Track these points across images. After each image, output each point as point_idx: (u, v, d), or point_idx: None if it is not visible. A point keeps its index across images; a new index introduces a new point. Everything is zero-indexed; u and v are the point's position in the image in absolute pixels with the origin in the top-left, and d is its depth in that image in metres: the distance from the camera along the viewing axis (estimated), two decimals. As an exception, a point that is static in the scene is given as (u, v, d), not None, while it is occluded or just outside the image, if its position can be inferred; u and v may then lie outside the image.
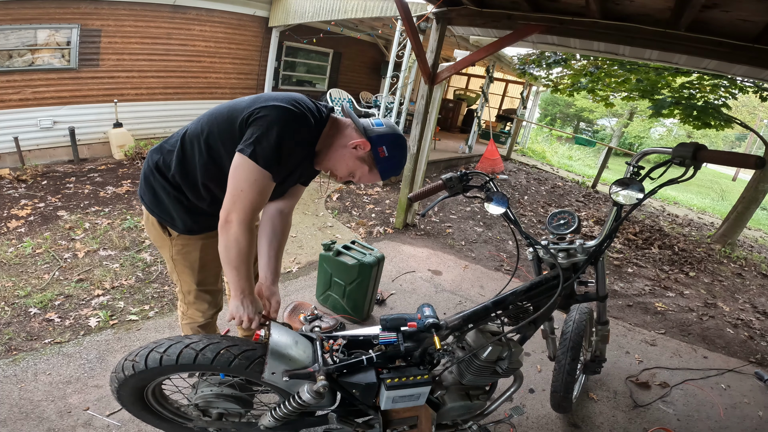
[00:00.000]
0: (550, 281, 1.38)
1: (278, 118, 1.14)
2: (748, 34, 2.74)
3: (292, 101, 1.18)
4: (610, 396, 2.33)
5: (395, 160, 1.27)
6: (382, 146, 1.24)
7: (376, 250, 2.67)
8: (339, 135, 1.28)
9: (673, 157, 1.22)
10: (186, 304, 1.62)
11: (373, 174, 1.30)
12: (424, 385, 1.24)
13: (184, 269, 1.51)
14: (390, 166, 1.28)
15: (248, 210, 1.15)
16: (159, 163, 1.34)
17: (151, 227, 1.47)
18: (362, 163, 1.27)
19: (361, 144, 1.23)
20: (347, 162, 1.28)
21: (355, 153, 1.25)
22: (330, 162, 1.30)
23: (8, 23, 4.46)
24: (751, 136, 19.15)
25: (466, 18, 3.65)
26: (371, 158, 1.26)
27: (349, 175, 1.31)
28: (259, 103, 1.17)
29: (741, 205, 5.82)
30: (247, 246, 1.18)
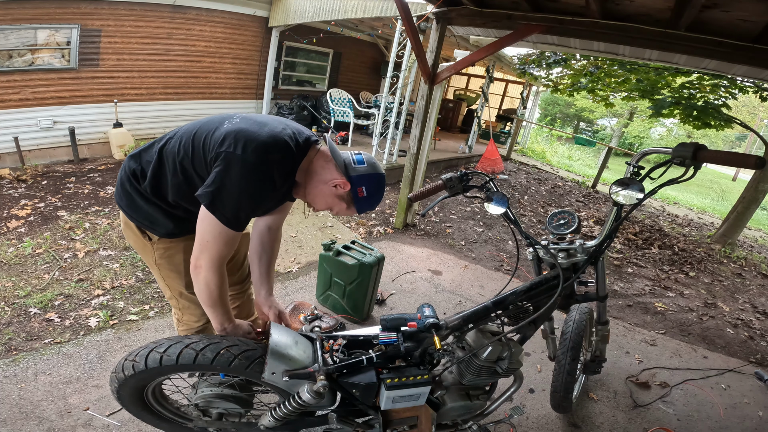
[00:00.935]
0: (550, 281, 1.38)
1: (240, 176, 1.10)
2: (748, 34, 2.74)
3: (263, 147, 1.12)
4: (610, 396, 2.33)
5: (373, 199, 1.28)
6: (362, 186, 1.24)
7: (376, 250, 2.67)
8: (320, 170, 1.25)
9: (673, 157, 1.22)
10: (180, 309, 1.58)
11: (350, 210, 1.30)
12: (424, 385, 1.24)
13: (170, 273, 1.47)
14: (368, 205, 1.28)
15: (215, 258, 1.17)
16: (136, 172, 1.31)
17: (130, 232, 1.43)
18: (341, 201, 1.27)
19: (341, 183, 1.23)
20: (326, 198, 1.27)
21: (334, 191, 1.25)
22: (309, 196, 1.30)
23: (8, 23, 4.46)
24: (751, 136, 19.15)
25: (466, 18, 3.65)
26: (350, 197, 1.26)
27: (327, 208, 1.31)
28: (227, 143, 1.12)
29: (741, 205, 5.82)
30: (218, 287, 1.21)
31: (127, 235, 1.45)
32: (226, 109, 7.14)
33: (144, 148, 1.33)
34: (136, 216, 1.35)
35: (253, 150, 1.11)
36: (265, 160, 1.13)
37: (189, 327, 1.62)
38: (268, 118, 1.24)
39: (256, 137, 1.13)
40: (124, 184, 1.35)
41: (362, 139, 7.47)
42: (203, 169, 1.19)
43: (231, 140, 1.12)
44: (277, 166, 1.16)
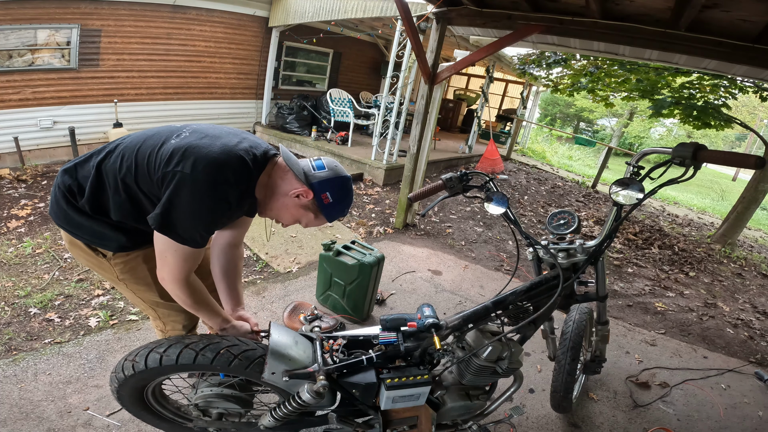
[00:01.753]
0: (550, 281, 1.38)
1: (191, 195, 1.03)
2: (748, 34, 2.74)
3: (214, 164, 1.04)
4: (610, 396, 2.33)
5: (341, 204, 1.21)
6: (326, 192, 1.17)
7: (376, 250, 2.67)
8: (279, 182, 1.19)
9: (673, 157, 1.22)
10: (161, 320, 1.49)
11: (319, 219, 1.24)
12: (424, 385, 1.24)
13: (138, 287, 1.36)
14: (337, 211, 1.22)
15: (177, 273, 1.13)
16: (72, 188, 1.19)
17: (79, 252, 1.28)
18: (307, 211, 1.21)
19: (302, 192, 1.16)
20: (290, 211, 1.21)
21: (297, 201, 1.18)
22: (273, 212, 1.24)
23: (8, 23, 4.46)
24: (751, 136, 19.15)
25: (466, 18, 3.65)
26: (315, 205, 1.19)
27: (295, 222, 1.26)
28: (175, 161, 1.04)
29: (741, 205, 5.82)
30: (189, 296, 1.18)
31: (76, 254, 1.31)
32: (227, 109, 7.15)
33: (79, 162, 1.22)
34: (80, 233, 1.23)
35: (204, 168, 1.03)
36: (217, 178, 1.05)
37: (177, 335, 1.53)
38: (222, 130, 1.16)
39: (206, 153, 1.05)
40: (59, 201, 1.21)
41: (362, 139, 7.47)
42: (149, 187, 1.11)
43: (179, 157, 1.04)
44: (232, 184, 1.08)
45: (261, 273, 3.18)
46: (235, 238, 1.42)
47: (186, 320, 1.51)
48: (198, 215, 1.06)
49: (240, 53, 6.99)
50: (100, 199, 1.18)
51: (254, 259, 3.38)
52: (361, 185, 5.74)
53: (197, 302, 1.21)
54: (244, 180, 1.12)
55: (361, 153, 6.34)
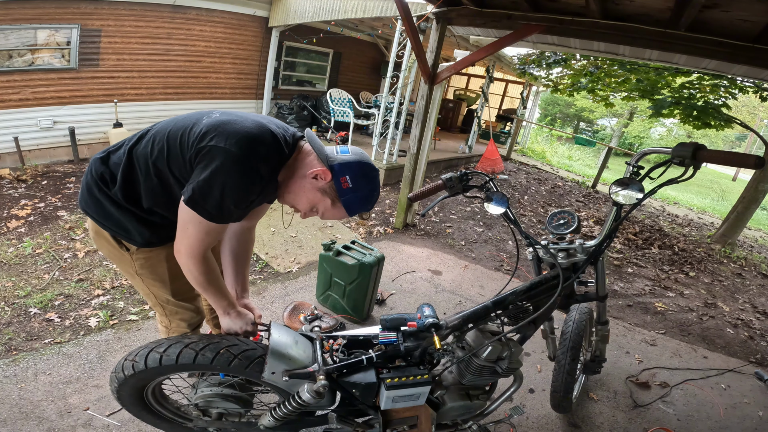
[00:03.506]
0: (550, 281, 1.38)
1: (224, 168, 1.02)
2: (748, 34, 2.74)
3: (248, 138, 1.04)
4: (610, 396, 2.33)
5: (362, 193, 1.14)
6: (345, 176, 1.11)
7: (376, 250, 2.67)
8: (301, 163, 1.16)
9: (672, 157, 1.23)
10: (167, 317, 1.49)
11: (337, 209, 1.17)
12: (424, 384, 1.24)
13: (154, 283, 1.38)
14: (356, 200, 1.14)
15: (195, 246, 1.10)
16: (104, 176, 1.20)
17: (103, 243, 1.29)
18: (324, 196, 1.15)
19: (321, 173, 1.11)
20: (307, 194, 1.16)
21: (315, 183, 1.13)
22: (290, 195, 1.19)
23: (8, 23, 4.46)
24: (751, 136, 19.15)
25: (466, 18, 3.65)
26: (333, 190, 1.13)
27: (312, 209, 1.20)
28: (210, 137, 1.04)
29: (741, 205, 5.82)
30: (202, 273, 1.15)
31: (99, 245, 1.32)
32: (227, 109, 7.14)
33: (112, 149, 1.23)
34: (109, 224, 1.23)
35: (238, 141, 1.03)
36: (252, 151, 1.04)
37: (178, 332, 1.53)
38: (250, 114, 1.15)
39: (240, 128, 1.05)
40: (91, 189, 1.22)
41: (362, 139, 7.47)
42: (182, 169, 1.11)
43: (213, 133, 1.04)
44: (265, 160, 1.08)
45: (261, 273, 3.18)
46: (250, 222, 1.41)
47: (192, 319, 1.51)
48: (229, 189, 1.04)
49: (240, 53, 6.99)
50: (132, 186, 1.18)
51: (254, 259, 3.38)
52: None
53: (209, 281, 1.17)
54: (275, 157, 1.11)
55: (361, 153, 6.33)
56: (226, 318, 1.26)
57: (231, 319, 1.26)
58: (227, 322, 1.27)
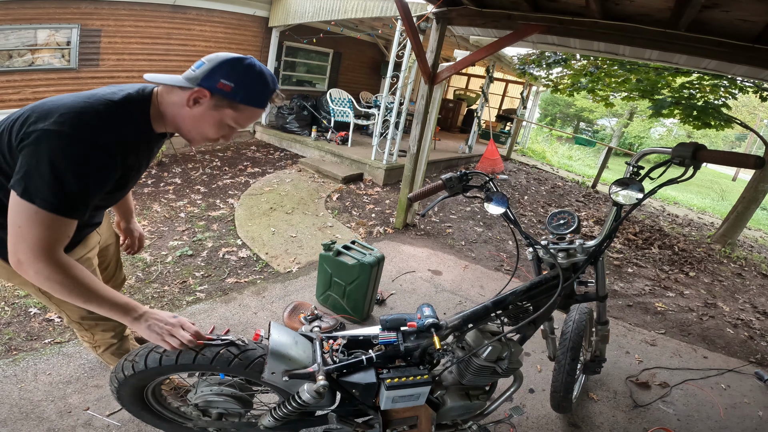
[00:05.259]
0: (550, 281, 1.38)
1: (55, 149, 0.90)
2: (748, 34, 2.74)
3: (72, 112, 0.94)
4: (610, 396, 2.33)
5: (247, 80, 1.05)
6: (219, 81, 1.03)
7: (376, 250, 2.67)
8: (170, 102, 1.08)
9: (672, 157, 1.22)
10: (87, 330, 1.40)
11: (245, 110, 1.09)
12: (423, 385, 1.24)
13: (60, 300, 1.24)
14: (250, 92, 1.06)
15: (38, 245, 0.93)
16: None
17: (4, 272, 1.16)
18: (219, 110, 1.06)
19: (196, 94, 1.04)
20: (204, 120, 1.08)
21: (201, 108, 1.06)
22: (193, 132, 1.12)
23: (8, 23, 4.46)
24: (751, 136, 19.16)
25: (466, 18, 3.65)
26: (222, 99, 1.05)
27: (220, 130, 1.11)
28: (33, 119, 0.94)
29: (741, 205, 5.82)
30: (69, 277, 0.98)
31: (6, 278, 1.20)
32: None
33: None
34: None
35: (61, 116, 0.92)
36: (81, 125, 0.93)
37: (108, 345, 1.48)
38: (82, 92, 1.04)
39: (62, 104, 0.95)
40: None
41: (362, 139, 7.47)
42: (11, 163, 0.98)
43: (35, 116, 0.94)
44: (101, 129, 0.96)
45: (261, 273, 3.18)
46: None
47: (116, 327, 1.44)
48: (65, 171, 0.91)
49: (240, 53, 6.99)
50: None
51: (254, 259, 3.38)
52: (361, 185, 5.74)
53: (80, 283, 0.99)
54: (120, 122, 1.01)
55: (361, 153, 6.34)
56: (138, 326, 1.07)
57: (145, 325, 1.08)
58: (144, 331, 1.08)
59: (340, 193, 5.34)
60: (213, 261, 3.25)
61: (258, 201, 4.64)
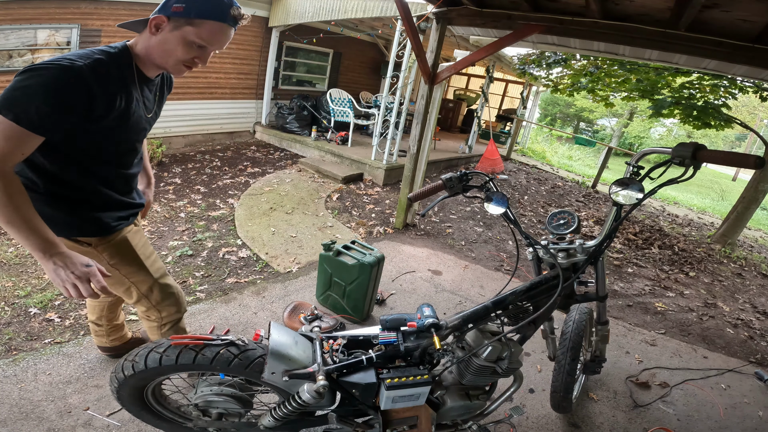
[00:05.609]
0: (550, 281, 1.38)
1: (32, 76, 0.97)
2: (748, 34, 2.74)
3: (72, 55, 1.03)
4: (610, 396, 2.33)
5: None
6: (173, 5, 1.10)
7: (376, 250, 2.67)
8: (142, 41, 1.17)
9: (672, 157, 1.22)
10: (156, 307, 1.49)
11: (202, 26, 1.12)
12: (423, 385, 1.24)
13: (130, 270, 1.37)
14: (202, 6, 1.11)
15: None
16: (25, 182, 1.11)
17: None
18: (178, 30, 1.12)
19: (155, 21, 1.12)
20: (168, 46, 1.14)
21: (163, 35, 1.13)
22: (164, 60, 1.17)
23: (8, 23, 4.46)
24: (751, 136, 19.16)
25: (466, 18, 3.65)
26: (179, 20, 1.11)
27: (188, 49, 1.15)
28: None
29: (741, 205, 5.82)
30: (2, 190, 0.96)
31: None
32: (227, 109, 7.15)
33: None
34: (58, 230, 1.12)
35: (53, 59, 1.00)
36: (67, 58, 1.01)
37: (172, 321, 1.57)
38: None
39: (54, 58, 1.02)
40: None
41: (362, 139, 7.47)
42: None
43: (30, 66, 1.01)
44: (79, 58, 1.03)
45: (261, 273, 3.18)
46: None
47: (180, 300, 1.55)
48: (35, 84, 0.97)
49: (240, 53, 6.99)
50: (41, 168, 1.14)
51: (254, 259, 3.38)
52: (361, 185, 5.74)
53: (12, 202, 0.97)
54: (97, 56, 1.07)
55: (361, 153, 6.34)
56: (47, 264, 1.02)
57: (53, 265, 1.02)
58: (50, 269, 1.02)
59: (340, 193, 5.34)
60: (213, 261, 3.25)
61: (258, 201, 4.64)
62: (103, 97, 1.08)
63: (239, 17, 1.18)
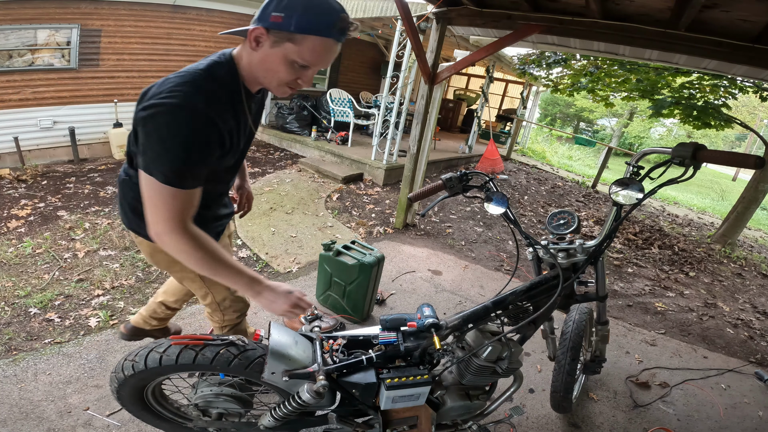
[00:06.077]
0: (550, 281, 1.38)
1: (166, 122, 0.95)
2: (748, 34, 2.74)
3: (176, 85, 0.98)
4: (610, 396, 2.33)
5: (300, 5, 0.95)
6: (271, 14, 0.96)
7: (376, 250, 2.67)
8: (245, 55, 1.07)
9: (672, 157, 1.23)
10: (222, 312, 1.56)
11: (303, 43, 0.98)
12: (423, 385, 1.24)
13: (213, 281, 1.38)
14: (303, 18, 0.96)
15: (170, 218, 0.99)
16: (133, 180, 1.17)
17: (158, 254, 1.32)
18: (278, 46, 0.99)
19: (254, 34, 0.99)
20: (268, 64, 1.03)
21: (263, 49, 1.01)
22: (267, 80, 1.08)
23: (8, 23, 4.46)
24: (751, 136, 19.15)
25: (466, 18, 3.65)
26: (278, 33, 0.98)
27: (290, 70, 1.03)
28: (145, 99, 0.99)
29: (741, 205, 5.82)
30: (198, 248, 1.02)
31: (154, 258, 1.35)
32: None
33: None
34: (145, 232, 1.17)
35: (168, 92, 0.96)
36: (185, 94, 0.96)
37: (231, 325, 1.64)
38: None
39: (167, 81, 0.99)
40: (127, 202, 1.25)
41: (362, 139, 7.47)
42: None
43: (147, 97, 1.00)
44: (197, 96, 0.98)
45: (261, 273, 3.18)
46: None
47: (243, 308, 1.60)
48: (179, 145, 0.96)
49: (240, 53, 6.99)
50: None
51: (254, 259, 3.38)
52: (361, 185, 5.74)
53: (209, 254, 1.03)
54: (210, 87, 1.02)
55: (361, 153, 6.34)
56: (260, 300, 1.11)
57: (267, 299, 1.12)
58: (266, 305, 1.12)
59: (340, 193, 5.34)
60: (213, 261, 3.25)
61: (258, 201, 4.64)
62: (225, 129, 1.07)
63: (347, 29, 1.02)
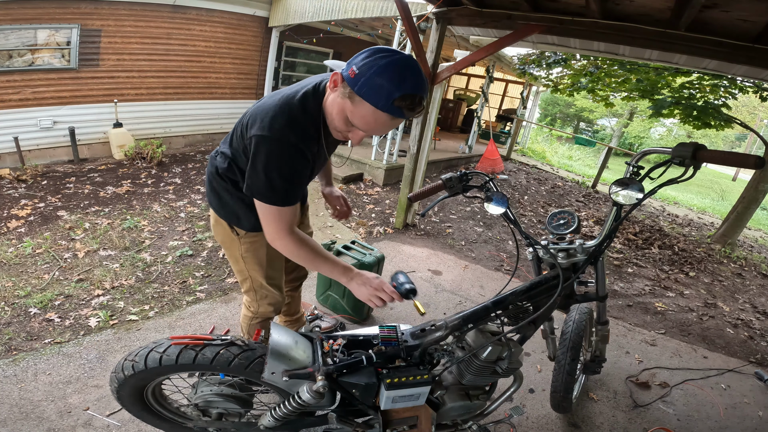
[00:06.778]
0: (550, 281, 1.38)
1: (262, 154, 1.12)
2: (748, 34, 2.74)
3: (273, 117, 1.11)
4: (610, 396, 2.33)
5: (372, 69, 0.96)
6: (352, 66, 1.00)
7: (376, 250, 2.67)
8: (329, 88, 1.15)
9: (672, 157, 1.22)
10: (257, 301, 1.65)
11: (357, 106, 1.02)
12: (423, 384, 1.24)
13: (253, 266, 1.55)
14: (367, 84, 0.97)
15: (278, 229, 1.21)
16: (218, 166, 1.36)
17: (219, 228, 1.51)
18: (343, 99, 1.05)
19: (333, 77, 1.06)
20: (333, 108, 1.12)
21: (335, 93, 1.10)
22: (330, 120, 1.17)
23: (8, 23, 4.46)
24: (751, 136, 19.16)
25: (466, 18, 3.65)
26: (346, 87, 1.03)
27: (345, 124, 1.11)
28: (251, 124, 1.15)
29: (741, 205, 5.82)
30: (301, 248, 1.24)
31: (216, 230, 1.54)
32: (227, 109, 7.15)
33: (222, 143, 1.38)
34: (224, 213, 1.43)
35: (269, 123, 1.11)
36: (280, 128, 1.11)
37: (264, 318, 1.72)
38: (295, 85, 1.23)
39: (268, 109, 1.14)
40: (211, 182, 1.42)
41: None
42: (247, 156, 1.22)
43: (251, 121, 1.16)
44: (291, 128, 1.12)
45: (261, 273, 3.18)
46: None
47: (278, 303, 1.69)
48: (276, 173, 1.13)
49: (240, 53, 6.99)
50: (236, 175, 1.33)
51: (254, 259, 3.37)
52: (361, 185, 5.74)
53: (311, 252, 1.24)
54: (302, 120, 1.14)
55: (361, 153, 6.34)
56: (352, 285, 1.28)
57: (357, 284, 1.27)
58: (355, 289, 1.28)
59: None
60: (213, 261, 3.25)
61: (258, 201, 4.64)
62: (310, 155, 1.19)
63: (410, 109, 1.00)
